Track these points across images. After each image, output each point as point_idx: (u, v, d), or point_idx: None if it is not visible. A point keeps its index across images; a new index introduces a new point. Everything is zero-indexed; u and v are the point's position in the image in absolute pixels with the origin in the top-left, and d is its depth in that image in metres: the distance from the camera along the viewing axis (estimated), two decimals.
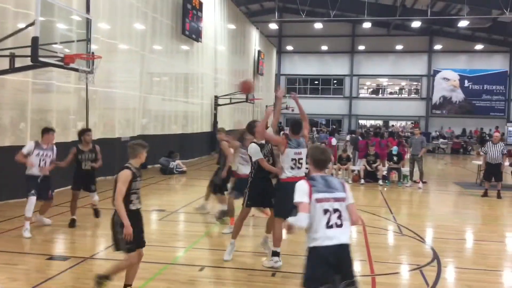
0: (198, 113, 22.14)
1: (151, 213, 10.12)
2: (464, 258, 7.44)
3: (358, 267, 6.87)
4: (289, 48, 44.00)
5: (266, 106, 36.85)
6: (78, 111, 13.04)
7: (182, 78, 20.36)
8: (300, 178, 5.86)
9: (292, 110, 30.85)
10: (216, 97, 23.82)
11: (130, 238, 4.92)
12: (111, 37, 14.20)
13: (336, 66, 43.62)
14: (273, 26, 35.35)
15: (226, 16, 25.62)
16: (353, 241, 8.35)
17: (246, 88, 8.54)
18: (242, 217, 6.85)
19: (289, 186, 5.05)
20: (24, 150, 7.96)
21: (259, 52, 33.95)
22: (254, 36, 33.42)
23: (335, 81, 44.78)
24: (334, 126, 36.67)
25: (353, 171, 15.86)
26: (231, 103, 24.62)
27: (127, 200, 4.94)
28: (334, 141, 18.12)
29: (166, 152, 16.87)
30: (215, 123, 23.67)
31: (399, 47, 41.73)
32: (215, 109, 23.81)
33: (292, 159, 6.29)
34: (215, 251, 7.33)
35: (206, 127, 23.05)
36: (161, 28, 17.99)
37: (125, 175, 4.90)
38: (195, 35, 20.50)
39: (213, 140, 23.56)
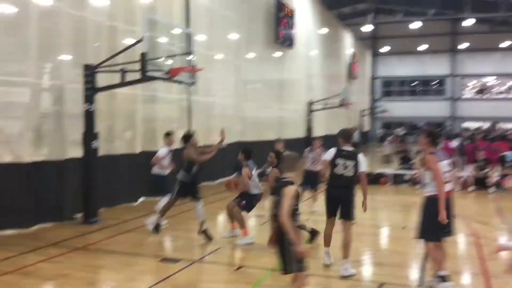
0: (292, 119, 22.24)
1: (252, 218, 10.30)
2: None
3: (470, 279, 6.43)
4: (384, 49, 42.67)
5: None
6: (179, 119, 13.68)
7: (276, 84, 20.61)
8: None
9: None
10: (311, 103, 23.76)
11: (304, 256, 4.50)
12: (209, 48, 14.78)
13: (435, 66, 41.43)
14: (367, 28, 34.52)
15: (319, 21, 25.55)
16: (465, 253, 7.83)
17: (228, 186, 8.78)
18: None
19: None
20: (160, 154, 9.28)
21: (352, 55, 33.34)
22: (347, 39, 32.91)
23: (434, 82, 42.58)
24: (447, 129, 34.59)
25: (460, 177, 14.90)
26: (325, 108, 24.40)
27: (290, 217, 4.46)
28: (453, 144, 16.86)
29: (263, 158, 17.07)
30: (309, 128, 23.61)
31: (505, 44, 38.64)
32: (309, 114, 23.75)
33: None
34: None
35: (301, 133, 23.05)
36: (255, 37, 18.39)
37: (293, 192, 4.46)
38: (288, 42, 20.68)
39: (307, 145, 23.51)
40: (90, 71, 9.10)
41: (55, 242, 7.75)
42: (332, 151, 6.51)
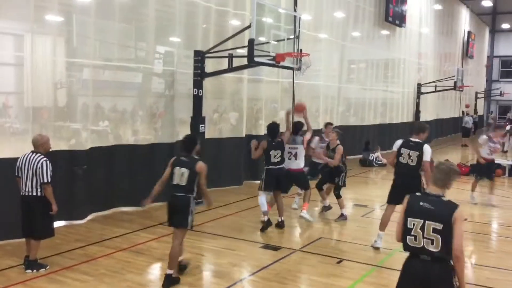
0: (399, 101, 21.19)
1: (353, 208, 10.07)
2: None
3: None
4: (505, 26, 38.68)
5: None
6: (282, 100, 13.60)
7: (382, 65, 19.74)
8: None
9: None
10: (420, 85, 22.42)
11: None
12: (315, 29, 14.48)
13: None
14: (487, 3, 31.49)
15: None
16: None
17: (298, 110, 8.82)
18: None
19: None
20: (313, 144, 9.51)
21: (469, 33, 30.72)
22: (464, 15, 30.33)
23: None
24: None
25: None
26: (436, 91, 22.89)
27: None
28: None
29: (363, 143, 16.59)
30: (417, 112, 22.36)
31: None
32: (418, 97, 22.45)
33: None
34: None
35: (408, 117, 21.94)
36: (363, 15, 17.65)
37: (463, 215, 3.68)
38: (398, 20, 19.55)
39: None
40: (199, 57, 9.33)
41: (163, 221, 8.19)
42: (399, 142, 6.90)
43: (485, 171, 10.64)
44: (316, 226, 8.48)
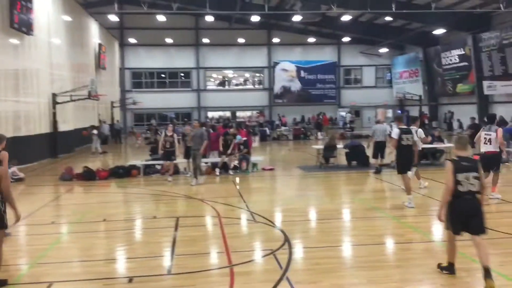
0: (35, 112, 20.23)
1: None
2: (310, 238, 8.10)
3: (216, 259, 7.05)
4: (132, 40, 42.53)
5: (112, 102, 35.33)
6: None
7: (12, 75, 18.37)
8: None
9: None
10: (55, 95, 22.00)
11: None
12: None
13: (182, 59, 43.50)
14: (114, 18, 33.77)
15: (61, 7, 23.71)
16: (210, 234, 8.52)
17: None
18: None
19: None
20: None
21: (99, 45, 32.20)
22: (94, 28, 31.59)
23: (182, 74, 44.69)
24: (186, 119, 36.52)
25: (206, 163, 16.10)
26: (72, 100, 22.95)
27: None
28: None
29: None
30: (55, 122, 21.92)
31: (241, 40, 43.26)
32: (54, 107, 21.99)
33: None
34: (64, 263, 6.81)
35: (45, 128, 21.21)
36: None
37: None
38: (25, 27, 18.62)
39: (54, 141, 21.83)
40: None
41: None
42: None
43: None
44: None
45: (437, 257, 6.44)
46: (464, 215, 5.65)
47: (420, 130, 11.90)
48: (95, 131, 24.69)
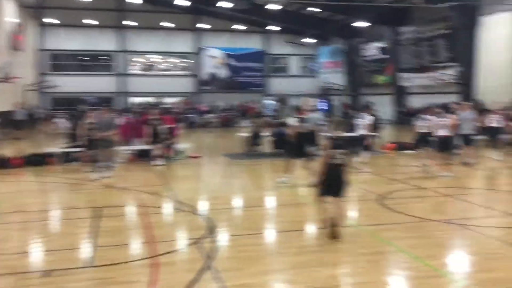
0: None
1: None
2: (236, 226, 8.14)
3: (142, 250, 6.87)
4: (53, 21, 39.93)
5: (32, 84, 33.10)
6: None
7: None
8: None
9: None
10: None
11: None
12: None
13: (104, 42, 41.61)
14: None
15: None
16: (134, 224, 8.30)
17: None
18: None
19: None
20: None
21: (15, 24, 29.95)
22: (9, 6, 29.33)
23: (104, 57, 42.82)
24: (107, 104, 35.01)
25: (130, 150, 15.62)
26: None
27: None
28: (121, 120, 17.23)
29: None
30: None
31: (168, 24, 42.22)
32: None
33: None
34: None
35: None
36: None
37: None
38: None
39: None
40: None
41: None
42: None
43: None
44: None
45: (358, 242, 6.76)
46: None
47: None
48: None
